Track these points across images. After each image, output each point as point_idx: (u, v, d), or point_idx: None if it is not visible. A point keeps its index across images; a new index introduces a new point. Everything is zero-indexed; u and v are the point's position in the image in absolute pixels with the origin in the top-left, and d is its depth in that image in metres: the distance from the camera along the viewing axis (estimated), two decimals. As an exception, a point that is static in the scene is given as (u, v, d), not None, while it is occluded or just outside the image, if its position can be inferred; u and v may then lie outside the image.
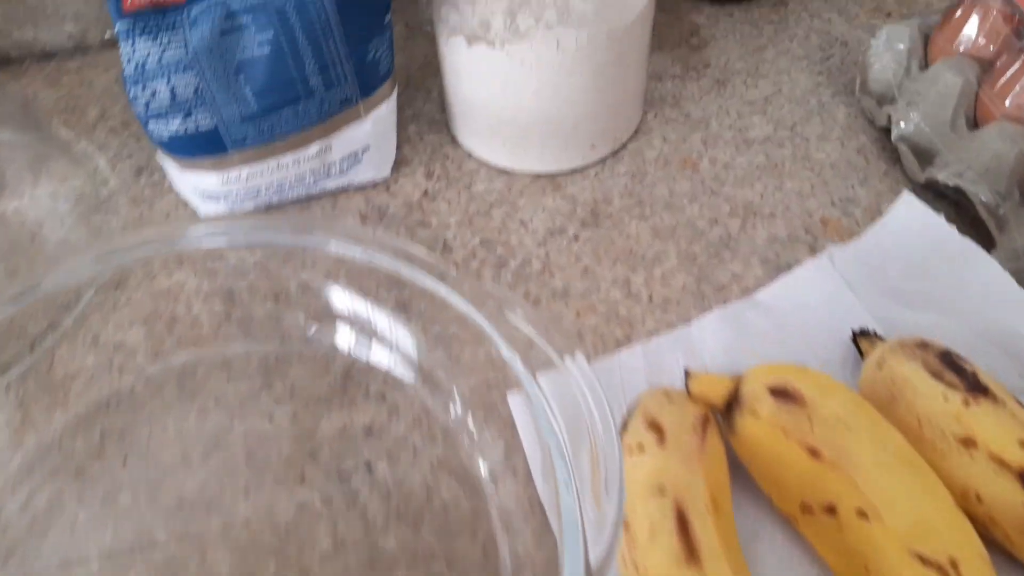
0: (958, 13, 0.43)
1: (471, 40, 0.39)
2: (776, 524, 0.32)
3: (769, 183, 0.44)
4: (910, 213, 0.38)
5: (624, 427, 0.31)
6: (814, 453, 0.30)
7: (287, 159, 0.40)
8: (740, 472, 0.32)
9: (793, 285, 0.39)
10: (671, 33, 0.52)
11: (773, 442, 0.30)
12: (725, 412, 0.32)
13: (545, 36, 0.38)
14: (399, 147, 0.46)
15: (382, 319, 0.37)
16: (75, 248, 0.41)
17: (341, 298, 0.38)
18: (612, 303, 0.39)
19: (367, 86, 0.40)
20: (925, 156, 0.42)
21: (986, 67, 0.41)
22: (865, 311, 0.37)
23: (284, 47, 0.36)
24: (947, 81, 0.41)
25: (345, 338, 0.37)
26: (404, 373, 0.36)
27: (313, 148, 0.40)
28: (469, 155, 0.46)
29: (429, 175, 0.45)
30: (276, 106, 0.38)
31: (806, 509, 0.30)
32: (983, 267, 0.36)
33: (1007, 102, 0.39)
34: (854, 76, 0.49)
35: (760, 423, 0.31)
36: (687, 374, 0.33)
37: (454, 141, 0.47)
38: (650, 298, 0.39)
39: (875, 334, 0.35)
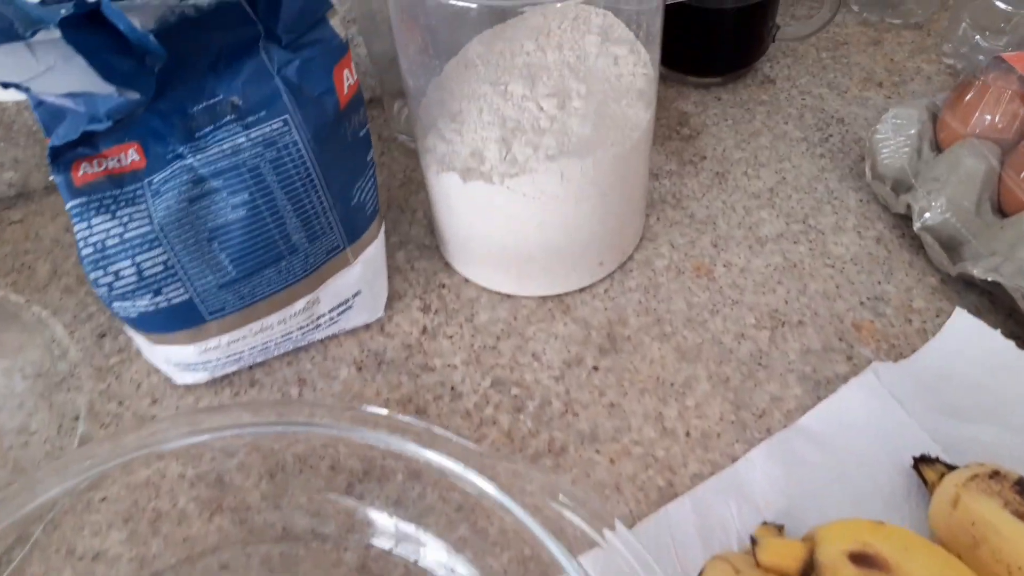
0: (970, 94, 0.41)
1: (465, 175, 0.37)
2: None
3: (792, 286, 0.42)
4: (964, 326, 0.37)
5: (692, 611, 0.29)
6: (909, 626, 0.27)
7: (271, 319, 0.37)
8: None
9: (839, 407, 0.36)
10: (660, 126, 0.50)
11: (860, 615, 0.28)
12: (801, 580, 0.29)
13: (548, 168, 0.35)
14: (389, 279, 0.43)
15: (402, 504, 0.33)
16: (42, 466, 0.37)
17: (353, 479, 0.34)
18: (647, 444, 0.37)
19: (354, 231, 0.37)
20: (951, 245, 0.41)
21: (1006, 149, 0.40)
22: (920, 429, 0.35)
23: (261, 207, 0.33)
24: (969, 166, 0.40)
25: (358, 523, 0.34)
26: (431, 561, 0.32)
27: (300, 304, 0.37)
28: (467, 281, 0.43)
29: (426, 308, 0.42)
30: (257, 269, 0.34)
31: None
32: (1043, 375, 0.34)
33: (1036, 188, 0.38)
34: (858, 157, 0.48)
35: (847, 595, 0.28)
36: (753, 541, 0.30)
37: (448, 267, 0.44)
38: (687, 434, 0.37)
39: (938, 460, 0.33)
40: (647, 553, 0.29)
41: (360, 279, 0.39)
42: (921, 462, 0.34)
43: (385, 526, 0.33)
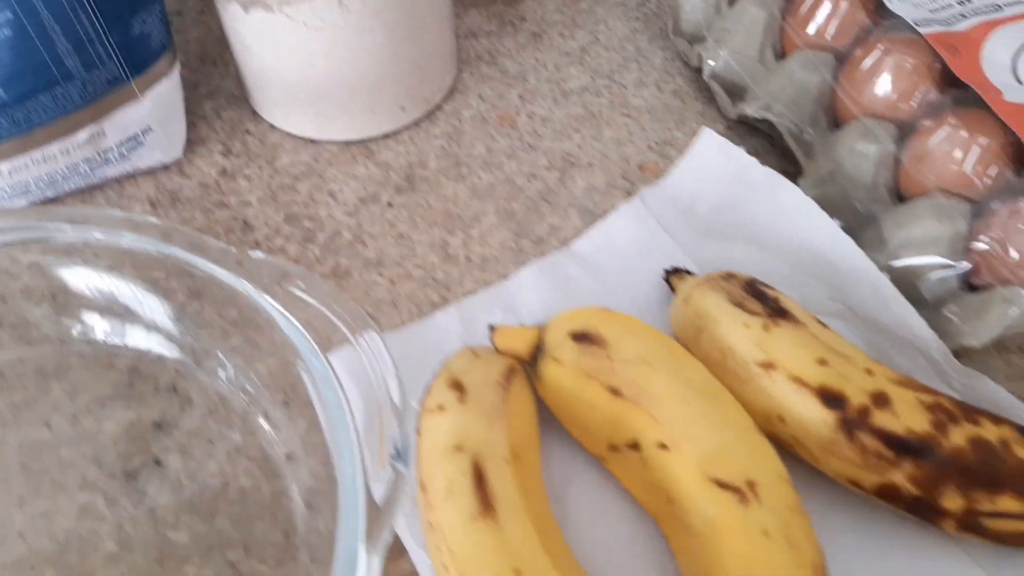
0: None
1: (247, 5, 0.39)
2: (589, 467, 0.33)
3: (588, 134, 0.45)
4: (711, 148, 0.40)
5: (428, 390, 0.32)
6: (615, 392, 0.31)
7: (53, 149, 0.39)
8: (551, 420, 0.33)
9: (608, 231, 0.40)
10: (486, -11, 0.53)
11: (576, 386, 0.31)
12: (531, 362, 0.33)
13: (325, -8, 0.38)
14: (193, 126, 0.45)
15: (168, 310, 0.36)
16: None
17: (123, 291, 0.37)
18: (428, 267, 0.40)
19: (137, 63, 0.39)
20: (737, 92, 0.44)
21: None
22: (680, 251, 0.39)
23: (27, 28, 0.35)
24: (752, 15, 0.43)
25: (130, 333, 0.36)
26: (196, 363, 0.35)
27: (82, 134, 0.39)
28: (272, 128, 0.46)
29: (227, 153, 0.45)
30: (29, 93, 0.36)
31: (613, 448, 0.31)
32: (788, 195, 0.38)
33: (808, 30, 0.42)
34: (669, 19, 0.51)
35: (563, 368, 0.32)
36: (491, 329, 0.34)
37: (255, 115, 0.46)
38: (468, 259, 0.40)
39: (687, 271, 0.37)
40: (404, 354, 0.32)
41: (150, 115, 0.41)
42: (672, 274, 0.37)
43: (150, 327, 0.36)
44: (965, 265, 0.33)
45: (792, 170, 0.41)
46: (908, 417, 0.28)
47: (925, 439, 0.28)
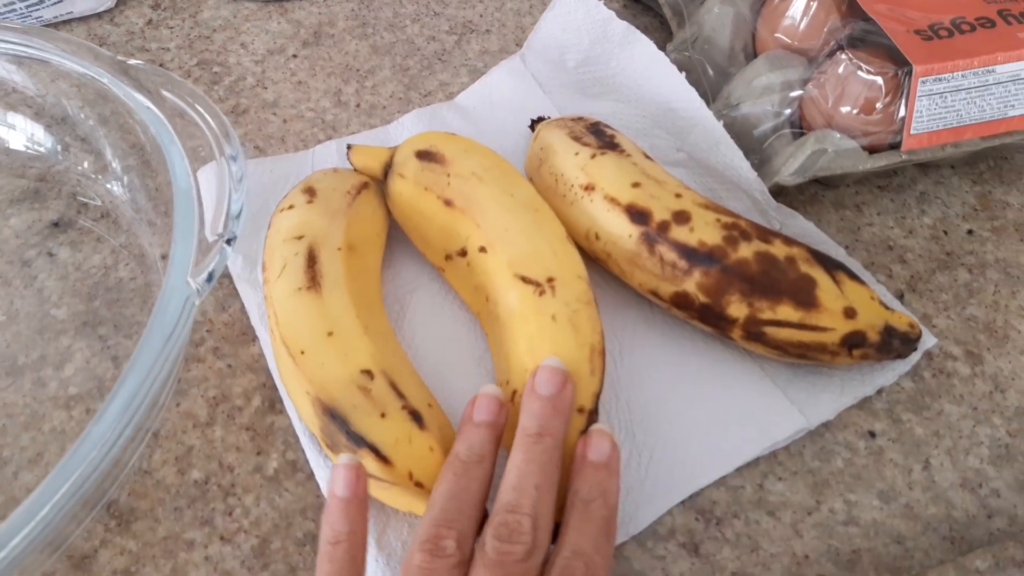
0: None
1: None
2: (432, 278, 0.37)
3: (490, 4, 0.48)
4: (574, 2, 0.43)
5: (286, 196, 0.35)
6: (448, 203, 0.34)
7: (-14, -21, 0.42)
8: (403, 239, 0.37)
9: (489, 85, 0.43)
10: None
11: (417, 198, 0.35)
12: (384, 179, 0.36)
13: None
14: (129, -19, 0.49)
15: (77, 122, 0.40)
16: None
17: (34, 101, 0.41)
18: (320, 111, 0.43)
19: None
20: (632, -30, 0.47)
21: None
22: (551, 104, 0.42)
23: None
24: None
25: (39, 141, 0.40)
26: (96, 175, 0.39)
27: (15, -31, 0.43)
28: (199, -14, 0.49)
29: (156, 5, 0.48)
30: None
31: (448, 258, 0.35)
32: (643, 49, 0.41)
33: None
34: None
35: (406, 182, 0.35)
36: (349, 148, 0.37)
37: (186, -26, 0.50)
38: (358, 105, 0.43)
39: (549, 119, 0.40)
40: (283, 175, 0.36)
41: (81, -41, 0.45)
42: (537, 122, 0.40)
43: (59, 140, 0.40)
44: (788, 111, 0.36)
45: (666, 36, 0.44)
46: (703, 232, 0.32)
47: (714, 250, 0.31)
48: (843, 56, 0.34)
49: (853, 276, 0.31)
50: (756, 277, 0.31)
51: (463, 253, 0.34)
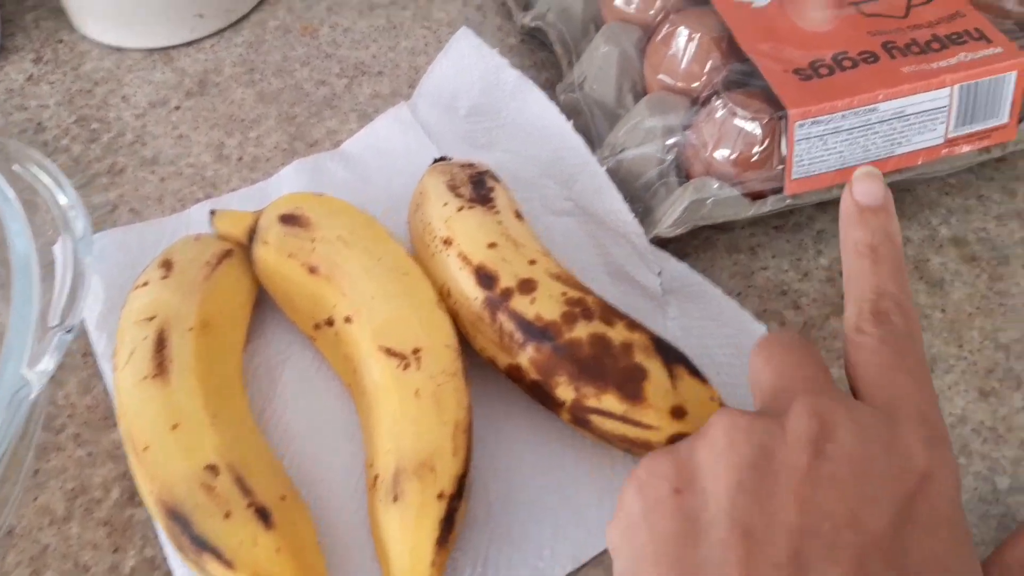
0: None
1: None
2: (304, 346, 0.34)
3: (384, 44, 0.46)
4: (467, 47, 0.41)
5: (144, 270, 0.33)
6: (313, 270, 0.32)
7: None
8: (274, 306, 0.35)
9: (377, 133, 0.41)
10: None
11: (281, 266, 0.33)
12: (249, 245, 0.34)
13: None
14: (12, 35, 0.47)
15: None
16: None
17: None
18: (200, 167, 0.41)
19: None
20: (531, 3, 0.45)
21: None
22: (439, 154, 0.40)
23: None
24: (536, -73, 0.44)
25: None
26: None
27: None
28: (84, 37, 0.47)
29: (38, 60, 0.46)
30: None
31: (317, 327, 0.33)
32: (534, 98, 0.39)
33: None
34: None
35: (269, 249, 0.33)
36: (212, 214, 0.35)
37: (71, 26, 0.47)
38: (240, 159, 0.41)
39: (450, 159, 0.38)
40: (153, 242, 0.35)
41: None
42: (438, 162, 0.38)
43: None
44: (670, 158, 0.34)
45: (559, 78, 0.42)
46: (543, 305, 0.29)
47: (549, 326, 0.29)
48: (718, 101, 0.32)
49: (694, 372, 0.29)
50: (586, 360, 0.29)
51: (330, 323, 0.32)
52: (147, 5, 0.44)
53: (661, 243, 0.35)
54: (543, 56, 0.45)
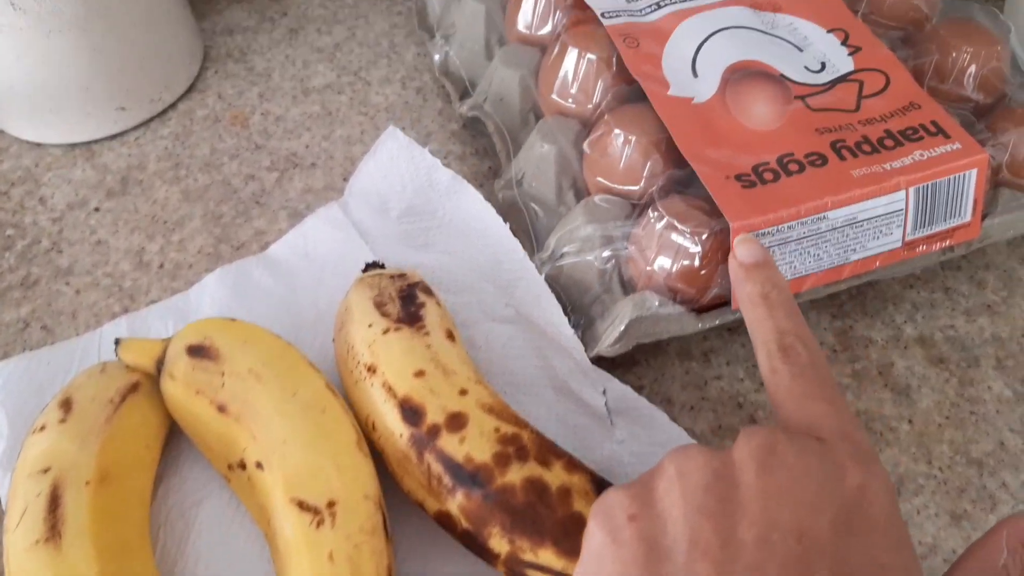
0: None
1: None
2: (222, 485, 0.31)
3: (318, 133, 0.44)
4: (396, 147, 0.39)
5: (44, 409, 0.30)
6: (222, 409, 0.29)
7: None
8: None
9: (305, 237, 0.38)
10: (251, -16, 0.51)
11: (189, 403, 0.30)
12: (157, 377, 0.31)
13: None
14: (-75, 133, 0.44)
15: None
16: None
17: None
18: (118, 276, 0.38)
19: None
20: (469, 89, 0.42)
21: (508, -8, 0.42)
22: (374, 256, 0.37)
23: None
24: (472, 8, 0.42)
25: None
26: None
27: None
28: (2, 132, 0.44)
29: (-47, 158, 0.43)
30: None
31: (231, 467, 0.30)
32: (470, 199, 0.37)
33: (518, 24, 0.40)
34: (433, 13, 0.49)
35: (176, 384, 0.30)
36: (117, 343, 0.32)
37: (-11, 120, 0.45)
38: (161, 266, 0.39)
39: (381, 265, 0.35)
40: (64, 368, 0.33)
41: None
42: (370, 267, 0.35)
43: None
44: (610, 267, 0.32)
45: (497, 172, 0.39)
46: (474, 444, 0.27)
47: (480, 469, 0.26)
48: (655, 213, 0.30)
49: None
50: (520, 509, 0.26)
51: (243, 466, 0.29)
52: (66, 100, 0.41)
53: (606, 359, 0.33)
54: (485, 143, 0.42)
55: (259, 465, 0.28)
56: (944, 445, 0.33)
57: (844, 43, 0.35)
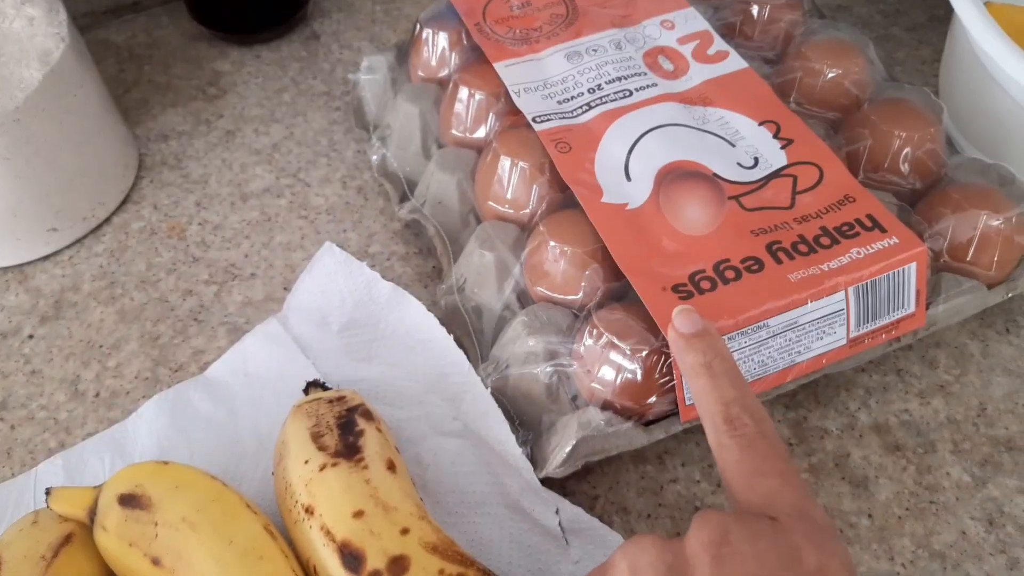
0: (420, 36, 0.43)
1: None
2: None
3: (258, 240, 0.43)
4: (332, 262, 0.38)
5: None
6: (156, 562, 0.28)
7: None
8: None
9: (244, 354, 0.37)
10: (187, 85, 0.51)
11: (123, 555, 0.29)
12: (91, 526, 0.30)
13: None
14: None
15: None
16: None
17: None
18: (53, 408, 0.37)
19: None
20: (408, 190, 0.42)
21: (445, 89, 0.42)
22: (316, 372, 0.36)
23: None
24: (407, 111, 0.41)
25: None
26: None
27: None
28: (-72, 256, 0.43)
29: None
30: None
31: (166, 624, 0.28)
32: (412, 310, 0.36)
33: (453, 128, 0.40)
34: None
35: (109, 537, 0.29)
36: (47, 493, 0.31)
37: (-85, 244, 0.43)
38: (97, 394, 0.37)
39: (323, 386, 0.34)
40: None
41: None
42: (311, 386, 0.34)
43: None
44: (555, 380, 0.31)
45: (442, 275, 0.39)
46: None
47: None
48: (595, 330, 0.29)
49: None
50: None
51: (181, 621, 0.28)
52: (-11, 228, 0.40)
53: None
54: (429, 242, 0.41)
55: (196, 623, 0.27)
56: (906, 539, 0.32)
57: (776, 136, 0.35)
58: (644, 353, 0.29)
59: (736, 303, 0.29)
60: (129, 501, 0.29)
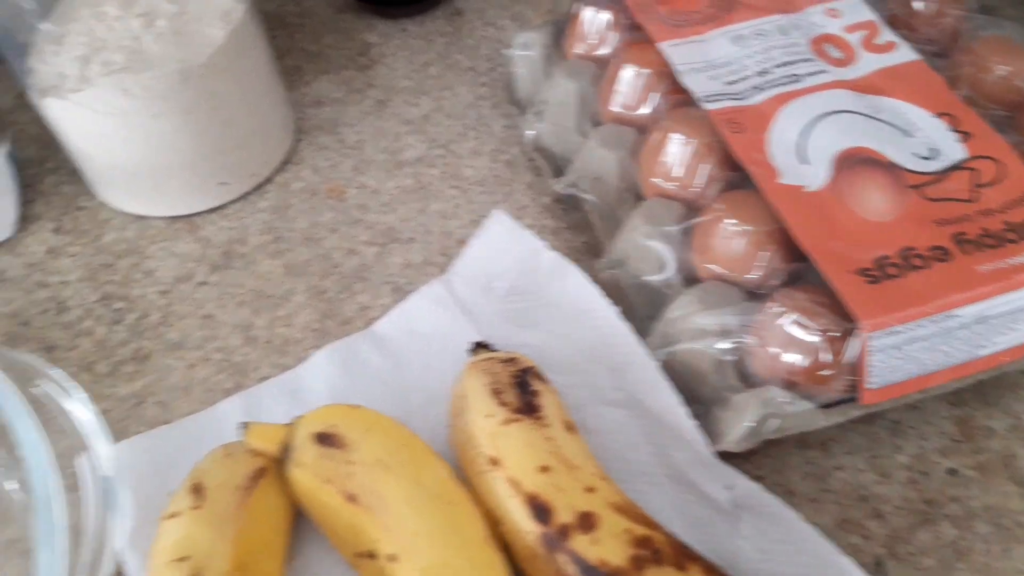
0: (578, 14, 0.43)
1: (43, 92, 0.38)
2: (348, 571, 0.31)
3: (414, 207, 0.44)
4: (501, 229, 0.39)
5: (174, 493, 0.31)
6: (352, 499, 0.29)
7: None
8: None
9: (410, 313, 0.39)
10: (338, 55, 0.52)
11: (317, 491, 0.30)
12: (282, 463, 0.31)
13: (107, 82, 0.37)
14: (31, 203, 0.45)
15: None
16: None
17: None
18: (228, 351, 0.38)
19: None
20: (559, 165, 0.43)
21: (603, 67, 0.42)
22: (479, 335, 0.37)
23: None
24: (565, 87, 0.42)
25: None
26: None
27: None
28: (103, 205, 0.45)
29: (58, 230, 0.44)
30: None
31: (359, 555, 0.30)
32: (574, 280, 0.37)
33: (612, 104, 0.40)
34: (515, 86, 0.50)
35: (305, 472, 0.30)
36: (243, 426, 0.32)
37: (90, 192, 0.45)
38: (268, 341, 0.39)
39: (487, 345, 0.35)
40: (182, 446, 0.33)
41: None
42: (477, 349, 0.35)
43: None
44: (730, 358, 0.32)
45: (599, 250, 0.39)
46: (608, 546, 0.27)
47: (616, 573, 0.26)
48: (779, 308, 0.30)
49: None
50: None
51: (372, 556, 0.29)
52: (170, 176, 0.42)
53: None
54: (579, 217, 0.42)
55: (392, 558, 0.28)
56: (1072, 539, 0.32)
57: (952, 128, 0.35)
58: (831, 335, 0.29)
59: (926, 291, 0.29)
60: (325, 440, 0.31)
